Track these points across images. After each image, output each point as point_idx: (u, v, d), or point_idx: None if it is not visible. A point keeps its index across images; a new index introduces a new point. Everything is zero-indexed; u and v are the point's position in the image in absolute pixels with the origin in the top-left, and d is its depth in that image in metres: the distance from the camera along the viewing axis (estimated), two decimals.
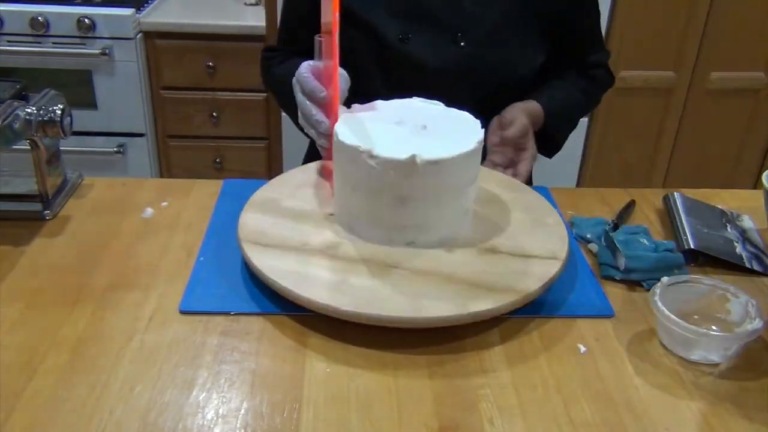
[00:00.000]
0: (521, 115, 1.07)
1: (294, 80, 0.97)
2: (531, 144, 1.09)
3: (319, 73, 0.94)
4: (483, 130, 0.88)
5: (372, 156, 0.81)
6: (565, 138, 1.22)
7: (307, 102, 0.94)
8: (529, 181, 1.11)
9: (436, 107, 0.95)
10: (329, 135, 0.91)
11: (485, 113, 1.01)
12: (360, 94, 0.98)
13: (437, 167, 0.81)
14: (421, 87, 0.99)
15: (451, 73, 1.09)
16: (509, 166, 1.08)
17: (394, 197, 0.83)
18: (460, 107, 0.94)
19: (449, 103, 0.95)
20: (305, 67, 0.95)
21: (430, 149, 0.81)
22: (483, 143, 0.87)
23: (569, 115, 1.21)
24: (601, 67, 1.23)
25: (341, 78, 0.94)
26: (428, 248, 0.86)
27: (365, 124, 0.89)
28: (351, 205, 0.87)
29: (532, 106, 1.11)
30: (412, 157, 0.80)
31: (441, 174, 0.82)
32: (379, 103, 0.95)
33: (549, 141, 1.18)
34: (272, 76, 1.19)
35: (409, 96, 0.97)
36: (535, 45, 1.13)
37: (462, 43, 1.08)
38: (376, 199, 0.84)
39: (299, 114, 0.97)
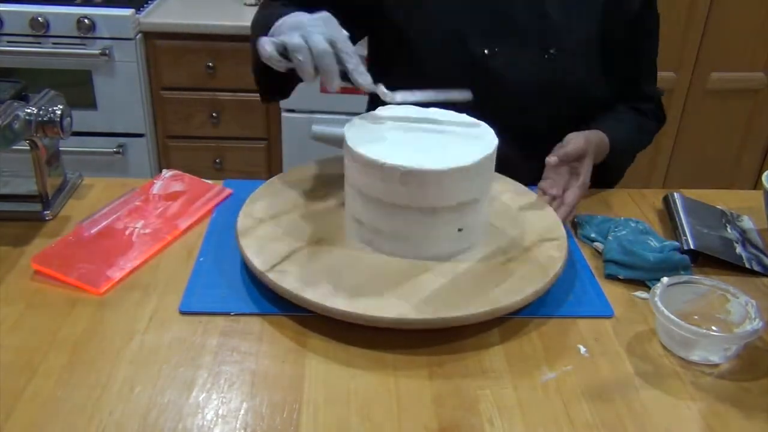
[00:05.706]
0: (581, 137, 1.03)
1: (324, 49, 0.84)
2: (584, 171, 1.02)
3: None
4: (495, 144, 0.86)
5: (374, 163, 0.81)
6: (624, 171, 1.20)
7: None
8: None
9: (457, 116, 0.93)
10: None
11: (559, 136, 1.02)
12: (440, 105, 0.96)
13: (434, 178, 0.80)
14: (502, 101, 1.01)
15: (535, 86, 1.08)
16: (557, 196, 1.01)
17: (392, 206, 0.83)
18: (535, 129, 0.97)
19: (525, 124, 0.98)
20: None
21: (430, 160, 0.80)
22: (494, 157, 0.85)
23: (631, 149, 1.19)
24: (652, 101, 1.21)
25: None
26: (426, 259, 0.85)
27: (376, 130, 0.88)
28: (355, 209, 0.87)
29: (597, 134, 1.07)
30: (409, 167, 0.79)
31: (434, 186, 0.81)
32: (402, 108, 0.94)
33: (611, 172, 1.15)
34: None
35: (488, 109, 0.93)
36: (608, 65, 1.13)
37: (552, 50, 1.07)
38: (376, 205, 0.84)
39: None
